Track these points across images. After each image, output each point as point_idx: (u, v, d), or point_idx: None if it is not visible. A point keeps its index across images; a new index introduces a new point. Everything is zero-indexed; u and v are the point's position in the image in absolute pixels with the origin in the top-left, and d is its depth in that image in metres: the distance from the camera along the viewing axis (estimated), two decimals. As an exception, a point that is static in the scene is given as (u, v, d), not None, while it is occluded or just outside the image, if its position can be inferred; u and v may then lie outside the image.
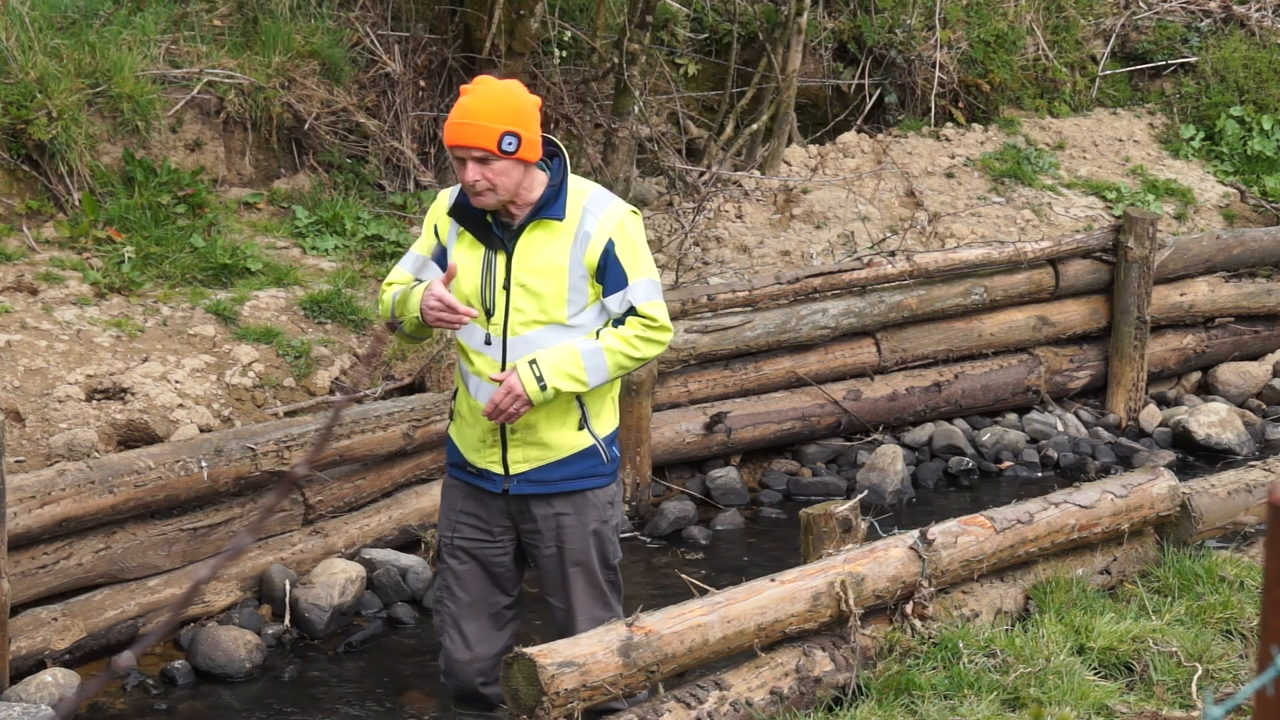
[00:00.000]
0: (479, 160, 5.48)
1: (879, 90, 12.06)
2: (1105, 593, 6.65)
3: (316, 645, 7.31)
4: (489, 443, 5.69)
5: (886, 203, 11.06)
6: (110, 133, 9.20)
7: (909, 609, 6.05)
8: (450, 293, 5.58)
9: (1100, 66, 12.80)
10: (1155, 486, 6.86)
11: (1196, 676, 5.89)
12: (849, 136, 11.64)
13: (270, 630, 7.27)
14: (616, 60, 10.36)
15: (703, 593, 5.78)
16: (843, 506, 6.10)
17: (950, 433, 9.58)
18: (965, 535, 6.28)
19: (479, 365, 5.64)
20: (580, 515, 5.75)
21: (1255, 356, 10.79)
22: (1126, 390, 10.08)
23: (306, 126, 9.87)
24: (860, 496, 6.37)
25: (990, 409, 9.92)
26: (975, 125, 12.04)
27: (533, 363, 5.51)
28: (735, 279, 9.54)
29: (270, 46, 9.86)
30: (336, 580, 7.44)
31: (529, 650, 5.22)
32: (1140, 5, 13.21)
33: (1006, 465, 9.55)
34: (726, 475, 9.01)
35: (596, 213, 5.60)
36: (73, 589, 6.90)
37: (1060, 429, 9.85)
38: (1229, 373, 10.60)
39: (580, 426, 5.68)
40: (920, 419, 9.66)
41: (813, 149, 11.52)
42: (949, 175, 11.41)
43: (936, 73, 12.00)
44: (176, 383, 7.92)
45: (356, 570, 7.56)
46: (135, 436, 7.59)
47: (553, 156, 5.66)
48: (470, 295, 5.62)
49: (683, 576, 6.22)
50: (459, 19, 10.53)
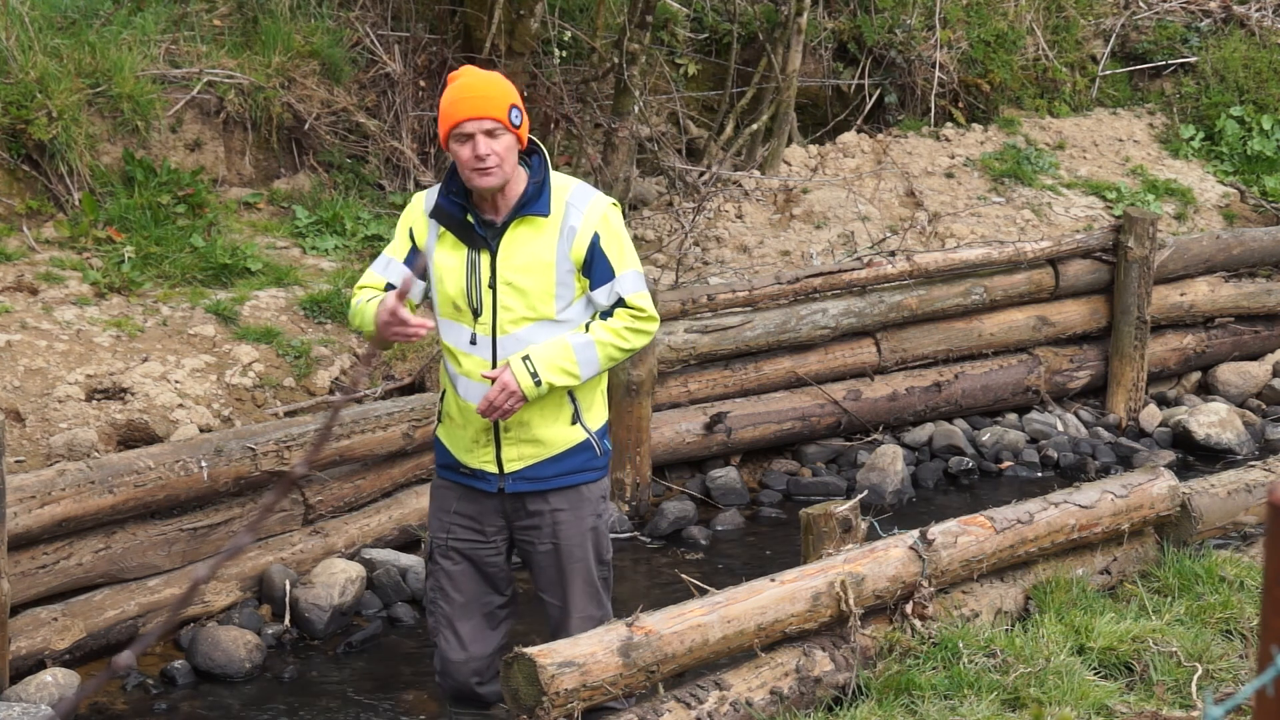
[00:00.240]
0: (488, 133, 5.48)
1: (879, 90, 12.06)
2: (1105, 593, 6.65)
3: (316, 645, 7.31)
4: (482, 442, 5.69)
5: (886, 203, 11.06)
6: (110, 133, 9.20)
7: (909, 609, 6.05)
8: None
9: (1100, 66, 12.80)
10: (1155, 486, 6.86)
11: (1196, 676, 5.89)
12: (849, 136, 11.64)
13: (270, 630, 7.26)
14: (616, 60, 10.36)
15: (703, 593, 5.78)
16: (843, 506, 6.09)
17: (950, 433, 9.58)
18: (965, 535, 6.28)
19: (467, 366, 5.64)
20: (576, 511, 5.76)
21: (1255, 356, 10.79)
22: (1126, 390, 10.08)
23: (306, 126, 9.87)
24: (860, 496, 6.37)
25: (990, 409, 9.92)
26: (975, 125, 12.04)
27: (526, 358, 5.52)
28: (735, 279, 9.54)
29: (270, 46, 9.86)
30: (336, 580, 7.44)
31: (529, 650, 5.22)
32: (1140, 5, 13.21)
33: (1006, 465, 9.55)
34: (726, 475, 9.01)
35: (580, 206, 5.60)
36: (73, 589, 6.90)
37: (1060, 429, 9.85)
38: (1229, 373, 10.60)
39: (573, 421, 5.69)
40: (920, 419, 9.66)
41: (813, 149, 11.52)
42: (949, 175, 11.41)
43: (936, 73, 11.99)
44: (176, 383, 7.92)
45: (356, 570, 7.56)
46: (135, 436, 7.59)
47: (531, 154, 5.67)
48: (456, 296, 5.61)
49: (683, 576, 6.22)
50: (459, 19, 10.53)
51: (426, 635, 7.37)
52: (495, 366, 5.59)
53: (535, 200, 5.58)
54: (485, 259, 5.59)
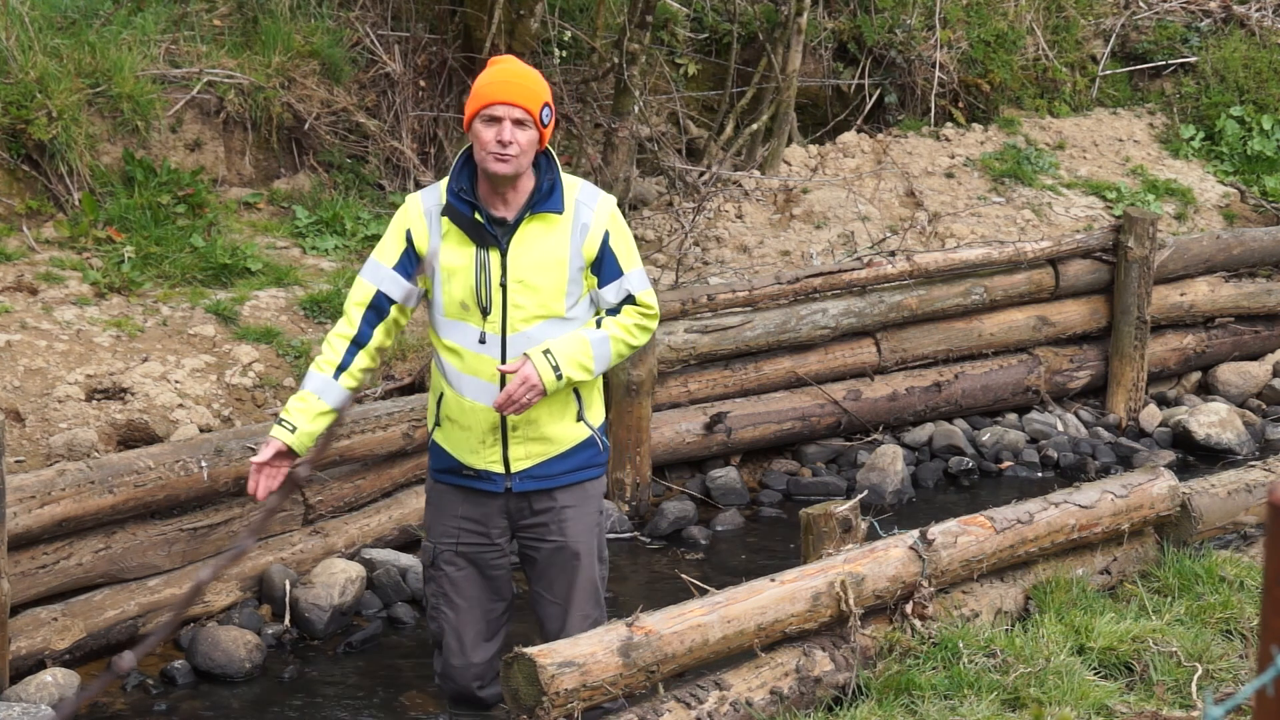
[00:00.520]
0: (516, 122, 5.47)
1: (879, 90, 12.06)
2: (1105, 593, 6.65)
3: (316, 645, 7.31)
4: (489, 442, 5.67)
5: (886, 203, 11.06)
6: (110, 133, 9.20)
7: (909, 609, 6.05)
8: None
9: (1100, 66, 12.80)
10: (1155, 486, 6.86)
11: (1196, 676, 5.89)
12: (849, 136, 11.64)
13: (270, 630, 7.26)
14: (616, 60, 10.36)
15: (703, 593, 5.78)
16: (843, 506, 6.09)
17: (950, 433, 9.58)
18: (965, 535, 6.28)
19: (476, 365, 5.61)
20: (583, 507, 5.77)
21: (1255, 356, 10.79)
22: (1126, 390, 10.08)
23: (306, 126, 9.87)
24: (860, 496, 6.37)
25: (990, 409, 9.92)
26: (975, 125, 12.04)
27: (547, 352, 5.51)
28: (735, 279, 9.54)
29: (270, 46, 9.86)
30: (336, 580, 7.44)
31: (529, 650, 5.22)
32: (1140, 5, 13.21)
33: (1006, 465, 9.55)
34: (726, 475, 9.01)
35: (590, 204, 5.62)
36: (73, 589, 6.89)
37: (1060, 429, 9.85)
38: (1229, 373, 10.60)
39: (578, 418, 5.70)
40: (920, 419, 9.66)
41: (813, 149, 11.52)
42: (949, 175, 11.41)
43: (936, 73, 12.00)
44: (176, 383, 7.92)
45: (356, 570, 7.56)
46: (135, 436, 7.59)
47: (538, 152, 5.67)
48: (464, 296, 5.59)
49: (683, 576, 6.22)
50: (459, 19, 10.53)
51: (426, 636, 7.37)
52: (504, 363, 5.58)
53: (548, 198, 5.57)
54: (495, 257, 5.57)
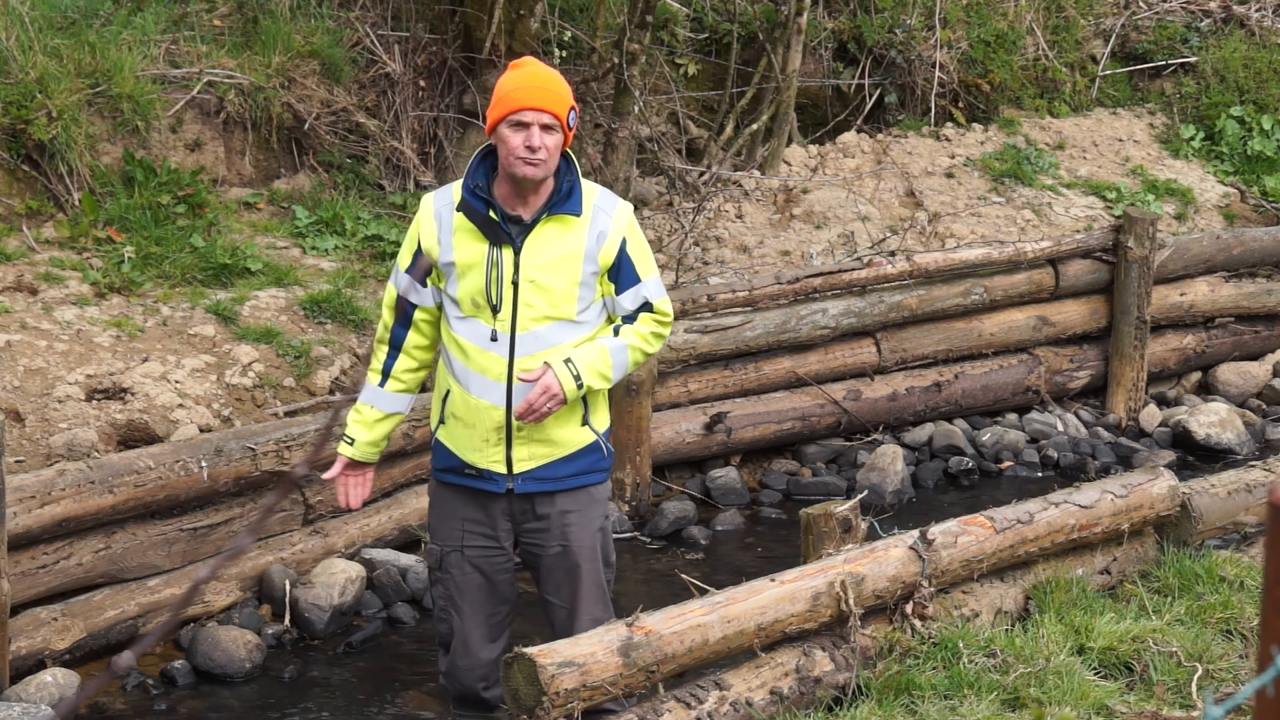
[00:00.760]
0: (545, 127, 5.48)
1: (879, 90, 12.06)
2: (1105, 593, 6.65)
3: (316, 645, 7.31)
4: (493, 441, 5.65)
5: (886, 203, 11.06)
6: (110, 133, 9.20)
7: (909, 609, 6.04)
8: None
9: (1100, 66, 12.80)
10: (1155, 486, 6.86)
11: (1196, 676, 5.89)
12: (849, 136, 11.64)
13: (270, 630, 7.26)
14: (616, 60, 10.36)
15: (703, 593, 5.78)
16: (843, 506, 6.09)
17: (950, 433, 9.58)
18: (965, 535, 6.28)
19: (483, 363, 5.60)
20: (586, 512, 5.75)
21: (1255, 356, 10.79)
22: (1126, 390, 10.08)
23: (306, 126, 9.87)
24: (860, 496, 6.37)
25: (990, 409, 9.92)
26: (975, 125, 12.04)
27: (568, 361, 5.50)
28: (735, 279, 9.54)
29: (270, 46, 9.86)
30: (336, 580, 7.44)
31: (529, 650, 5.22)
32: (1140, 5, 13.21)
33: (1006, 465, 9.55)
34: (726, 475, 9.01)
35: (608, 210, 5.61)
36: (73, 589, 6.89)
37: (1060, 429, 9.85)
38: (1229, 373, 10.60)
39: (583, 422, 5.68)
40: (920, 419, 9.66)
41: (813, 149, 11.52)
42: (949, 175, 11.41)
43: (936, 73, 11.99)
44: (176, 383, 7.92)
45: (356, 570, 7.56)
46: (135, 436, 7.59)
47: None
48: (475, 292, 5.58)
49: (683, 576, 6.22)
50: (459, 19, 10.53)
51: (426, 635, 7.37)
52: (513, 364, 5.58)
53: (567, 200, 5.57)
54: (508, 255, 5.56)
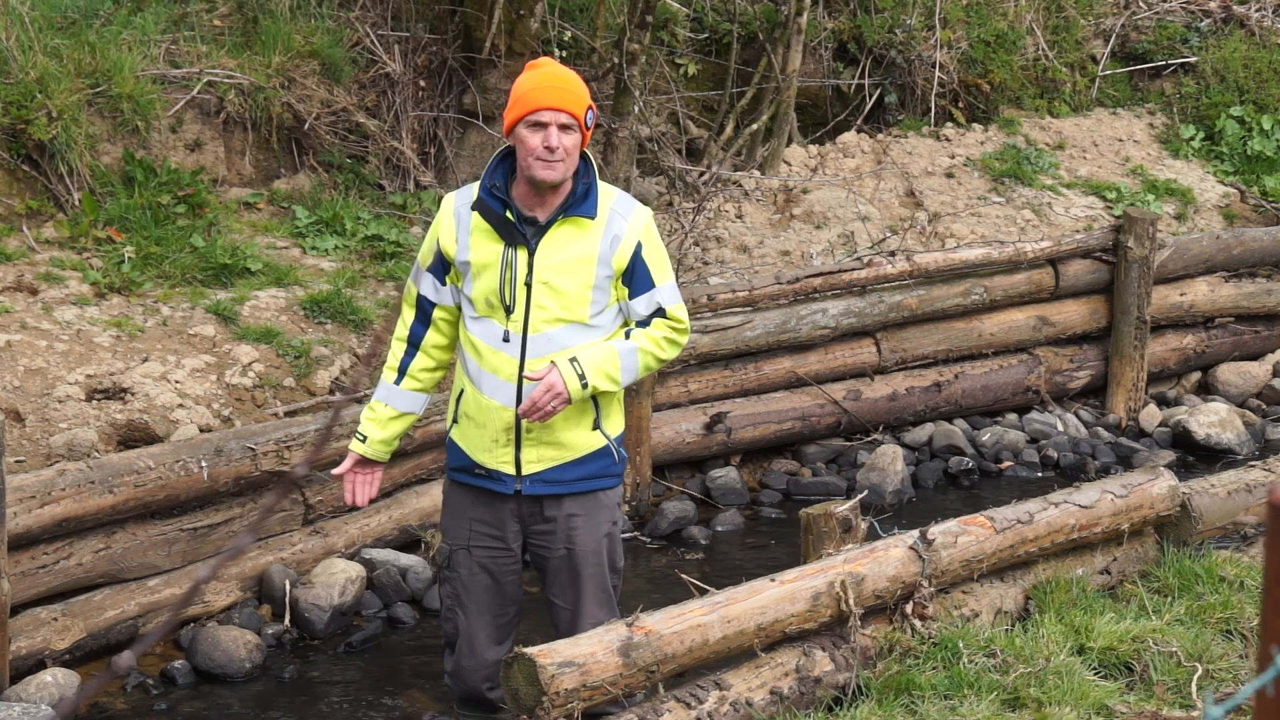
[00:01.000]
0: (562, 127, 5.47)
1: (879, 90, 12.06)
2: (1105, 593, 6.65)
3: (316, 645, 7.31)
4: (502, 442, 5.64)
5: (886, 203, 11.06)
6: (110, 133, 9.20)
7: (909, 609, 6.04)
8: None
9: (1100, 66, 12.80)
10: (1155, 486, 6.86)
11: (1196, 676, 5.89)
12: (849, 136, 11.64)
13: (270, 630, 7.26)
14: (616, 60, 10.36)
15: (703, 593, 5.78)
16: (843, 506, 6.09)
17: (950, 433, 9.58)
18: (965, 535, 6.28)
19: (495, 363, 5.59)
20: (592, 516, 5.73)
21: (1255, 356, 10.79)
22: (1126, 390, 10.08)
23: (306, 126, 9.87)
24: (860, 496, 6.37)
25: (990, 409, 9.92)
26: (975, 125, 12.04)
27: (574, 360, 5.49)
28: (735, 279, 9.54)
29: (270, 46, 9.86)
30: (336, 580, 7.44)
31: (529, 650, 5.22)
32: (1140, 5, 13.21)
33: (1006, 465, 9.55)
34: (726, 475, 9.01)
35: (625, 214, 5.59)
36: (73, 589, 6.90)
37: (1060, 429, 9.85)
38: (1229, 373, 10.60)
39: (594, 426, 5.67)
40: (920, 419, 9.66)
41: (813, 149, 11.52)
42: (949, 175, 11.41)
43: (936, 73, 12.00)
44: (176, 383, 7.92)
45: (356, 570, 7.56)
46: (135, 436, 7.59)
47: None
48: (489, 292, 5.57)
49: (683, 576, 6.22)
50: (459, 19, 10.53)
51: (426, 635, 7.37)
52: (524, 365, 5.58)
53: (583, 202, 5.56)
54: (522, 256, 5.55)
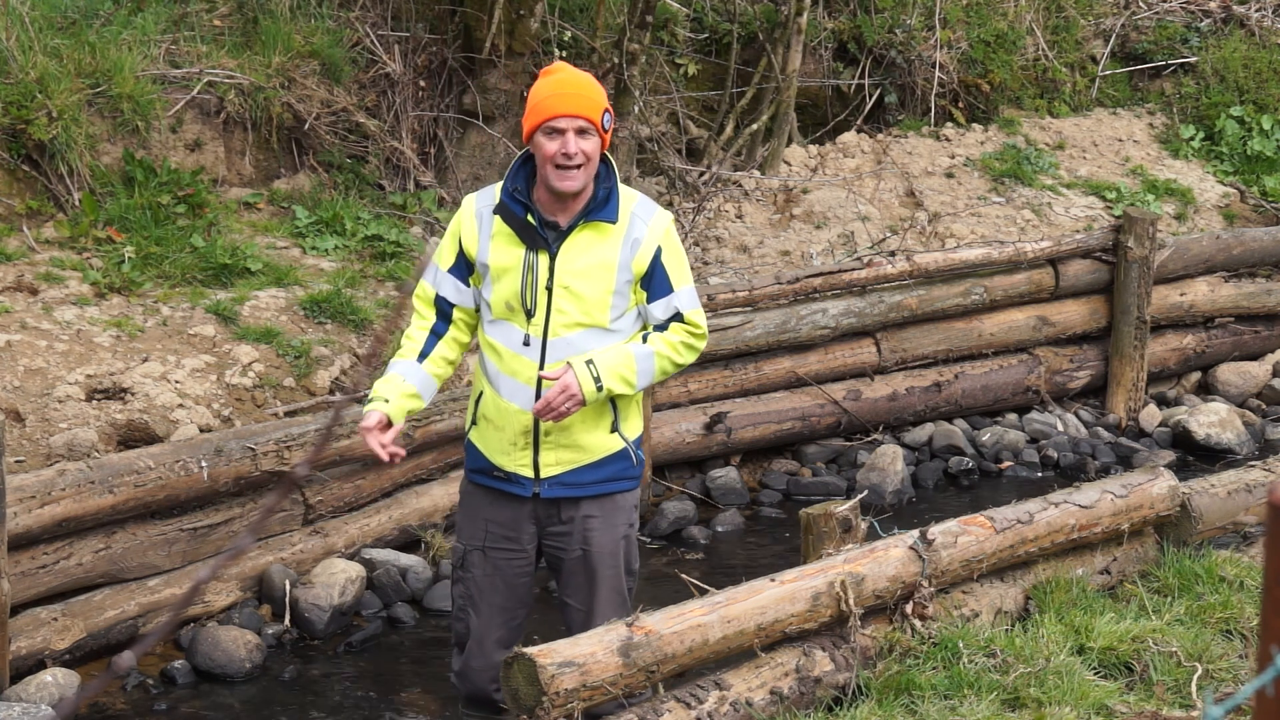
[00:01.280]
0: (580, 132, 5.45)
1: (879, 90, 12.06)
2: (1105, 593, 6.65)
3: (316, 645, 7.31)
4: (520, 445, 5.63)
5: (886, 203, 11.06)
6: (110, 133, 9.20)
7: (909, 609, 6.04)
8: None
9: (1100, 66, 12.80)
10: (1155, 486, 6.86)
11: (1196, 676, 5.89)
12: (849, 136, 11.64)
13: (270, 630, 7.26)
14: (616, 60, 10.36)
15: (703, 593, 5.78)
16: (843, 506, 6.09)
17: (950, 433, 9.58)
18: (965, 535, 6.28)
19: (515, 366, 5.58)
20: (609, 519, 5.73)
21: (1255, 356, 10.79)
22: (1126, 390, 10.08)
23: (306, 126, 9.87)
24: (860, 496, 6.37)
25: (990, 409, 9.92)
26: (975, 125, 12.04)
27: (590, 362, 5.47)
28: (735, 279, 9.54)
29: (270, 46, 9.85)
30: (336, 580, 7.44)
31: (529, 650, 5.22)
32: (1140, 5, 13.21)
33: (1006, 465, 9.55)
34: (726, 475, 9.01)
35: (645, 218, 5.57)
36: (73, 589, 6.90)
37: (1060, 429, 9.85)
38: (1229, 373, 10.60)
39: (612, 429, 5.65)
40: (920, 419, 9.66)
41: (813, 149, 11.52)
42: (949, 175, 11.41)
43: (936, 73, 12.00)
44: (176, 383, 7.92)
45: (356, 570, 7.56)
46: (135, 436, 7.59)
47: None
48: (509, 296, 5.56)
49: (683, 576, 6.22)
50: (459, 19, 10.53)
51: (426, 635, 7.37)
52: (543, 368, 5.55)
53: (604, 206, 5.54)
54: (544, 260, 5.53)
